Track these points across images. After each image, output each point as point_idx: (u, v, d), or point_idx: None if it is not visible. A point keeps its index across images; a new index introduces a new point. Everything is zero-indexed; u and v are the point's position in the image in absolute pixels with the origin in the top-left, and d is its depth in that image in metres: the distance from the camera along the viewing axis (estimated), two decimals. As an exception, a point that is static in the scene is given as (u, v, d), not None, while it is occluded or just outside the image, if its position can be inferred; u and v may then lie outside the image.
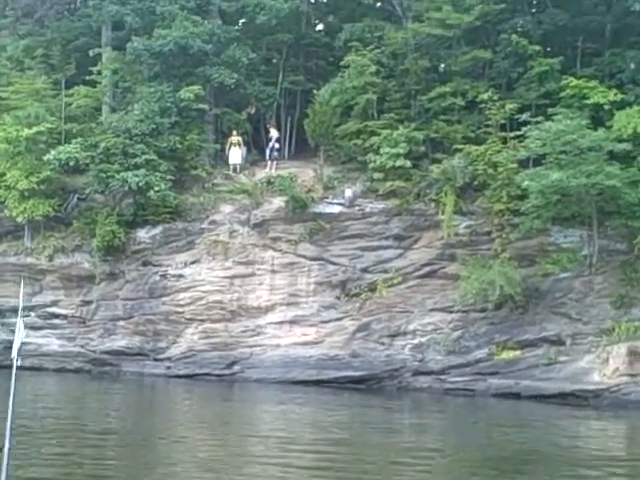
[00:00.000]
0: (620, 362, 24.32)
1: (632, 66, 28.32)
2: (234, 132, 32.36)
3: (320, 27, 38.08)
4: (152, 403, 24.87)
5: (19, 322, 9.37)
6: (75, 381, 28.47)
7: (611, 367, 24.36)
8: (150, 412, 22.17)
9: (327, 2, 36.88)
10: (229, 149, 32.16)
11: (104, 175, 30.55)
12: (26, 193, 30.67)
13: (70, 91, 33.97)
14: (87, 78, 34.23)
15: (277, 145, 32.09)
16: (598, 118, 27.10)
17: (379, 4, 36.24)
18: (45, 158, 30.87)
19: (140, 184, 29.95)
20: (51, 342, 30.56)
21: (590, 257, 25.94)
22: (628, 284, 25.60)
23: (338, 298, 28.97)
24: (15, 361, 8.60)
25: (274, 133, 32.36)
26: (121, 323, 30.37)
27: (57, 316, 30.85)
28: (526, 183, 25.03)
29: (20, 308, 10.96)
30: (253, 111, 33.70)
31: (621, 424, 21.10)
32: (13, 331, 31.69)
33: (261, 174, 31.58)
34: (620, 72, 28.79)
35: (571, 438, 17.96)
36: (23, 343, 9.15)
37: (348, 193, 29.38)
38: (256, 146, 33.68)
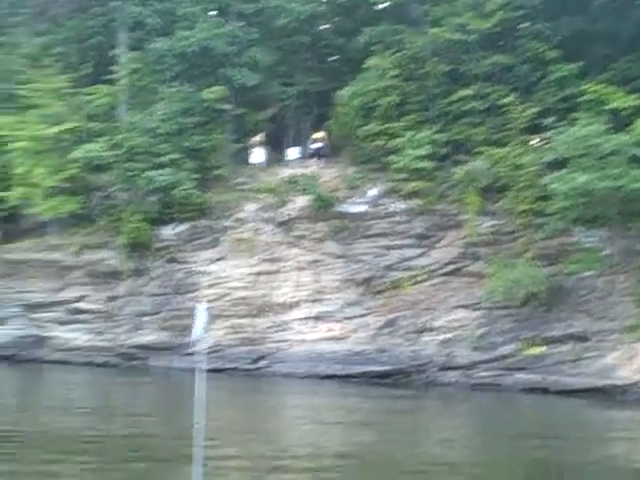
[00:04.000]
0: (646, 359, 25.27)
1: (648, 72, 29.33)
2: (258, 132, 32.96)
3: (331, 29, 38.64)
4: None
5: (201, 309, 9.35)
6: (105, 375, 28.79)
7: (637, 363, 25.28)
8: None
9: (340, 4, 37.45)
10: (253, 148, 32.70)
11: (129, 174, 31.05)
12: (51, 190, 31.09)
13: (88, 89, 34.30)
14: (104, 77, 34.57)
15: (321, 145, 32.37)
16: (615, 122, 28.06)
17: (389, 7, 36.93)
18: (71, 156, 31.30)
19: (166, 183, 30.49)
20: (78, 337, 30.96)
21: (612, 257, 26.91)
22: (650, 283, 26.62)
23: (362, 295, 29.73)
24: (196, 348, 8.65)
25: (317, 134, 32.68)
26: (147, 318, 30.87)
27: (84, 311, 31.26)
28: (553, 186, 25.92)
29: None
30: (274, 112, 34.31)
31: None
32: (40, 326, 32.12)
33: (283, 173, 32.23)
34: (635, 78, 29.74)
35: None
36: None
37: (372, 193, 30.14)
38: (276, 146, 34.30)
